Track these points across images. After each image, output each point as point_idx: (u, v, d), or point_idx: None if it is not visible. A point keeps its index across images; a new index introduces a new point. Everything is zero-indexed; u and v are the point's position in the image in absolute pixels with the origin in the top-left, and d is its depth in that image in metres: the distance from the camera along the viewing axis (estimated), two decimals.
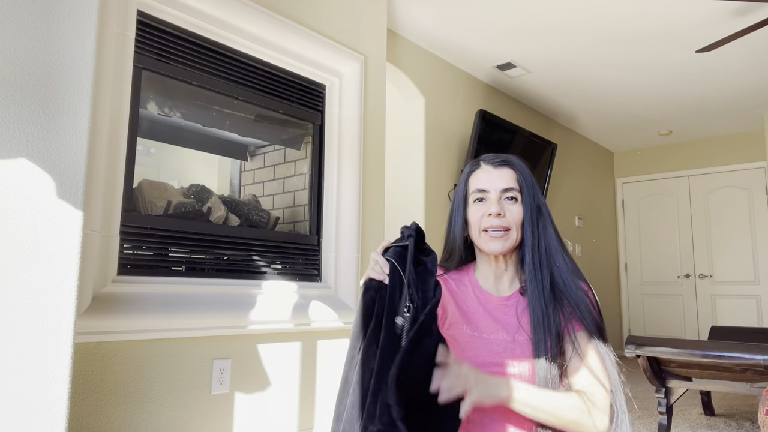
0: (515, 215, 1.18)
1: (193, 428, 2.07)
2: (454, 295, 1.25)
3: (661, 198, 6.62)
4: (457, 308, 1.23)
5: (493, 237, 1.18)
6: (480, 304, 1.22)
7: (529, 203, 1.19)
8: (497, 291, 1.24)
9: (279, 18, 2.54)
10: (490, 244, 1.19)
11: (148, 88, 2.28)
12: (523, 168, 1.23)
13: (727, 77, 4.55)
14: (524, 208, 1.18)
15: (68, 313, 1.31)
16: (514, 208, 1.19)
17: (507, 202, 1.19)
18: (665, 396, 2.84)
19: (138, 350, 1.94)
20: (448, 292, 1.25)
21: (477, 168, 1.25)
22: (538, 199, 1.21)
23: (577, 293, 1.15)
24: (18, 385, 1.22)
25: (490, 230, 1.18)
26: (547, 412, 1.06)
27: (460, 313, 1.22)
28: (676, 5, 3.43)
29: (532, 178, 1.22)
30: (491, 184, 1.20)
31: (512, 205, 1.19)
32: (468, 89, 4.56)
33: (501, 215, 1.18)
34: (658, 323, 6.49)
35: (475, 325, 1.20)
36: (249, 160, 3.02)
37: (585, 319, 1.13)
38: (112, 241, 1.93)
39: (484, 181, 1.21)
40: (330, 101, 2.84)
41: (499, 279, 1.24)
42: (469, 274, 1.28)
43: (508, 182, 1.20)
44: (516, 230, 1.19)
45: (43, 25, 1.33)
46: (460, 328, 1.21)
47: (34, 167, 1.28)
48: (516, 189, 1.19)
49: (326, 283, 2.71)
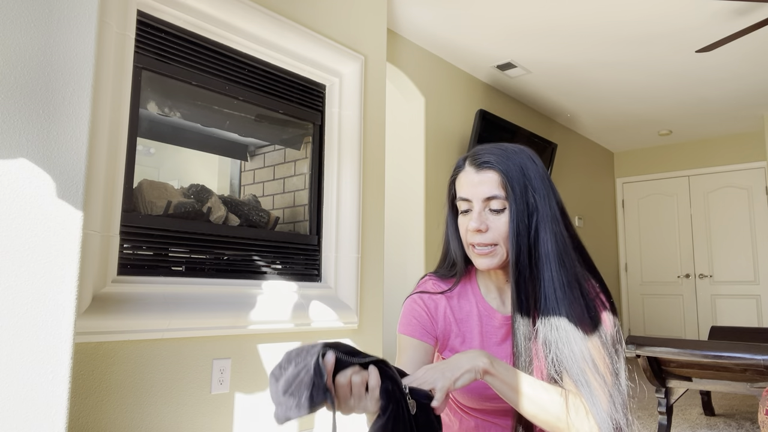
0: (501, 228, 1.02)
1: (193, 428, 2.07)
2: (455, 314, 1.14)
3: (661, 198, 6.62)
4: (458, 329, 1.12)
5: (479, 254, 1.05)
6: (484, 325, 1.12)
7: (518, 211, 1.01)
8: (504, 306, 1.12)
9: (279, 18, 2.54)
10: (477, 260, 1.06)
11: (148, 88, 2.28)
12: (512, 166, 1.03)
13: (727, 77, 4.55)
14: (511, 217, 1.01)
15: (68, 313, 1.31)
16: (500, 221, 1.02)
17: (491, 214, 1.03)
18: (665, 396, 2.84)
19: (138, 350, 1.94)
20: (449, 310, 1.14)
21: (461, 170, 1.08)
22: (534, 200, 1.02)
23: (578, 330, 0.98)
24: (18, 385, 1.22)
25: (477, 246, 1.04)
26: (527, 396, 0.94)
27: (460, 335, 1.13)
28: (676, 5, 3.43)
29: (527, 173, 1.03)
30: (473, 192, 1.04)
31: (496, 217, 1.02)
32: (468, 89, 4.56)
33: (482, 231, 1.02)
34: (658, 323, 6.49)
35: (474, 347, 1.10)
36: (249, 160, 3.02)
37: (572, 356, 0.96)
38: (112, 241, 1.93)
39: (466, 188, 1.05)
40: (330, 101, 2.84)
41: (503, 292, 1.13)
42: (472, 283, 1.16)
43: (491, 189, 1.02)
44: (503, 245, 1.03)
45: (43, 25, 1.33)
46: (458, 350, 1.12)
47: (34, 167, 1.28)
48: (501, 197, 1.02)
49: (326, 283, 2.71)
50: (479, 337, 1.11)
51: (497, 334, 1.11)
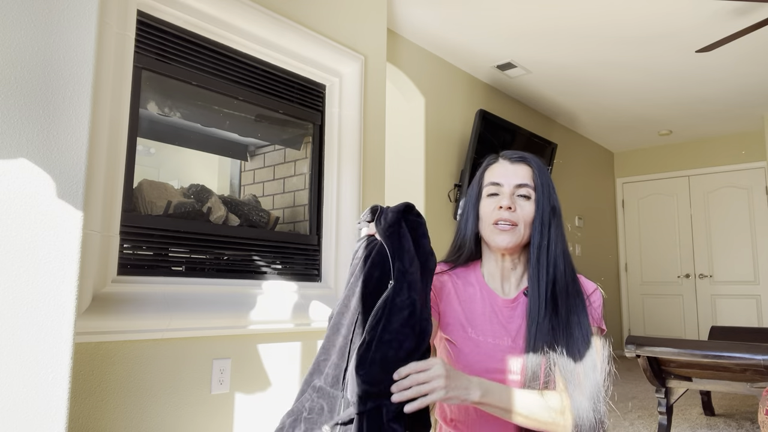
0: (526, 212, 1.18)
1: (193, 428, 2.07)
2: (460, 294, 1.23)
3: (661, 198, 6.62)
4: (461, 308, 1.21)
5: (501, 230, 1.17)
6: (487, 306, 1.21)
7: (542, 203, 1.18)
8: (503, 292, 1.23)
9: (279, 18, 2.54)
10: (497, 237, 1.18)
11: (148, 88, 2.28)
12: (541, 167, 1.22)
13: (727, 77, 4.55)
14: (536, 206, 1.17)
15: (68, 313, 1.31)
16: (526, 205, 1.18)
17: (519, 198, 1.19)
18: (665, 396, 2.84)
19: (138, 350, 1.94)
20: (454, 291, 1.23)
21: (494, 162, 1.25)
22: (553, 200, 1.20)
23: (577, 300, 1.15)
24: (18, 385, 1.22)
25: (500, 223, 1.17)
26: (521, 414, 1.05)
27: (464, 314, 1.20)
28: (676, 5, 3.43)
29: (550, 179, 1.22)
30: (506, 179, 1.20)
31: (524, 202, 1.18)
32: (468, 89, 4.56)
33: (512, 209, 1.17)
34: (658, 323, 6.49)
35: (480, 328, 1.19)
36: (249, 160, 3.02)
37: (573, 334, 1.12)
38: (112, 241, 1.93)
39: (499, 175, 1.21)
40: (330, 101, 2.84)
41: (506, 279, 1.23)
42: (476, 272, 1.26)
43: (522, 178, 1.19)
44: (524, 227, 1.17)
45: (43, 25, 1.33)
46: (462, 330, 1.19)
47: (34, 167, 1.28)
48: (530, 186, 1.19)
49: (326, 283, 2.71)
50: (482, 318, 1.20)
51: (501, 313, 1.21)
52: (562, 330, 1.12)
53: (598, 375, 1.11)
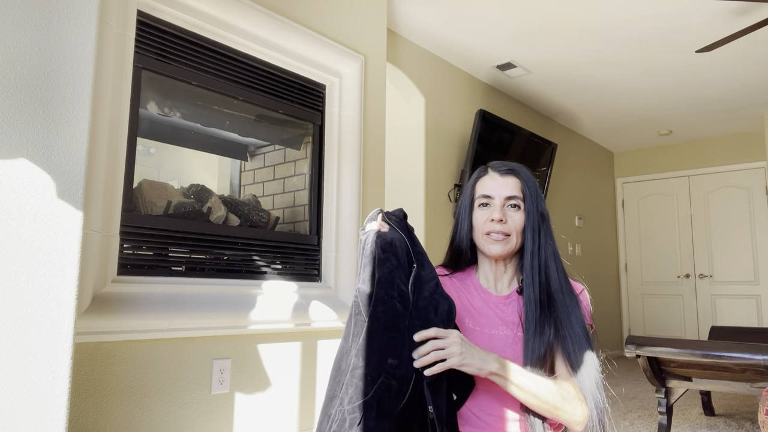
0: (516, 222, 1.25)
1: (193, 428, 2.07)
2: (458, 291, 1.33)
3: (661, 198, 6.62)
4: (460, 303, 1.30)
5: (495, 240, 1.25)
6: (483, 301, 1.31)
7: (531, 211, 1.26)
8: (496, 290, 1.32)
9: (279, 18, 2.54)
10: (491, 247, 1.26)
11: (148, 88, 2.28)
12: (529, 177, 1.30)
13: (727, 77, 4.55)
14: (526, 215, 1.25)
15: (68, 313, 1.31)
16: (516, 216, 1.26)
17: (510, 209, 1.26)
18: (665, 396, 2.84)
19: (138, 350, 1.94)
20: (453, 288, 1.32)
21: (484, 174, 1.32)
22: (542, 207, 1.28)
23: (572, 297, 1.24)
24: (18, 385, 1.22)
25: (492, 234, 1.25)
26: (530, 392, 1.11)
27: (462, 308, 1.29)
28: (676, 5, 3.43)
29: (537, 187, 1.30)
30: (496, 191, 1.27)
31: (515, 212, 1.26)
32: (468, 89, 4.56)
33: (503, 221, 1.24)
34: (658, 323, 6.49)
35: (477, 319, 1.28)
36: (249, 160, 3.02)
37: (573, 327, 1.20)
38: (112, 241, 1.93)
39: (490, 188, 1.28)
40: (330, 101, 2.84)
41: (499, 279, 1.32)
42: (471, 276, 1.36)
43: (512, 190, 1.26)
44: (516, 236, 1.26)
45: (43, 25, 1.33)
46: (462, 322, 1.28)
47: (34, 167, 1.28)
48: (519, 197, 1.26)
49: (326, 283, 2.71)
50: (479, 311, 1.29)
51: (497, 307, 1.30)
52: (564, 325, 1.20)
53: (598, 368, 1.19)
